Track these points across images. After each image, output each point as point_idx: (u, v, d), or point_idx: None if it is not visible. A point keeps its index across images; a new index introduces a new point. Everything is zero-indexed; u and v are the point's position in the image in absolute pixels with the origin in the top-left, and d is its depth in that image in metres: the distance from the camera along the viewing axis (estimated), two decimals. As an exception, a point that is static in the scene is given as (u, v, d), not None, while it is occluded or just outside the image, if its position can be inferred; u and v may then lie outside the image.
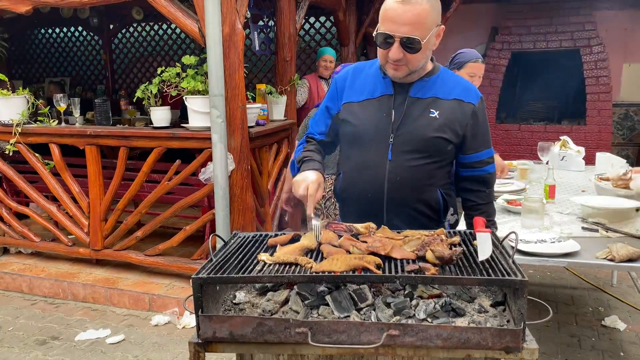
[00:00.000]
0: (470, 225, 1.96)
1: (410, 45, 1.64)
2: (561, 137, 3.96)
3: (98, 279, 4.03)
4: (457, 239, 1.60)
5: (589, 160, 3.86)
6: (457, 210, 2.03)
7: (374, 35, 1.71)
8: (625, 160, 3.68)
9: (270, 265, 1.50)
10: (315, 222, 1.63)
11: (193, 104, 3.50)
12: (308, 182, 1.71)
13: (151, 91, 3.64)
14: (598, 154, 3.70)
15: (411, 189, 1.82)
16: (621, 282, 4.05)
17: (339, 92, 1.89)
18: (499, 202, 2.79)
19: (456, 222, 2.05)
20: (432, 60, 1.82)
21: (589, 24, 6.30)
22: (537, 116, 6.93)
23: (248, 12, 3.45)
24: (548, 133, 6.40)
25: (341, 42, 5.78)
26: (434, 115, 1.78)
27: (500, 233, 1.86)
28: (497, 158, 2.98)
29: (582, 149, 3.86)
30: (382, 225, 1.70)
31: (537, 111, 6.96)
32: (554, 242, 2.21)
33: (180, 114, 4.90)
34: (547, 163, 3.30)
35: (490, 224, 1.95)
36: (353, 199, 1.89)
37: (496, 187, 3.08)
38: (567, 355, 3.05)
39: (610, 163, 3.52)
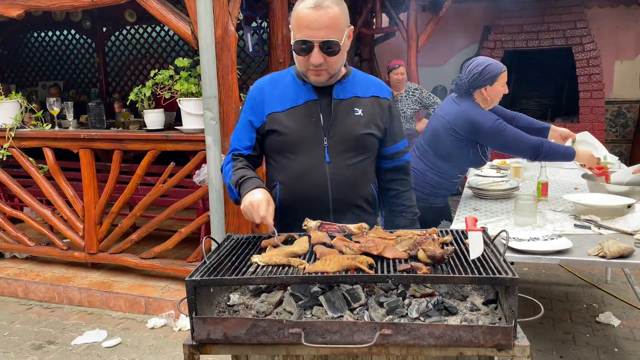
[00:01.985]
0: (392, 216, 2.05)
1: (329, 48, 1.71)
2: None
3: (93, 283, 4.03)
4: (448, 238, 1.61)
5: (582, 157, 3.87)
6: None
7: (292, 44, 1.75)
8: (617, 158, 3.70)
9: (263, 266, 1.50)
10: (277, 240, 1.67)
11: (186, 106, 3.51)
12: (260, 204, 1.69)
13: (145, 94, 3.64)
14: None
15: (352, 187, 1.88)
16: (615, 279, 4.08)
17: (258, 104, 1.89)
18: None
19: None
20: (344, 65, 1.90)
21: (581, 22, 6.34)
22: (530, 114, 6.93)
23: (240, 14, 3.45)
24: (541, 131, 6.42)
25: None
26: (358, 114, 1.86)
27: (493, 232, 1.87)
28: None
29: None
30: (375, 226, 1.71)
31: (530, 109, 7.00)
32: (546, 239, 2.22)
33: (176, 117, 4.90)
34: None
35: (413, 209, 2.04)
36: (296, 208, 1.87)
37: (490, 187, 3.12)
38: (561, 352, 3.07)
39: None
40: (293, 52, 1.76)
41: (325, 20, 1.67)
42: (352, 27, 1.79)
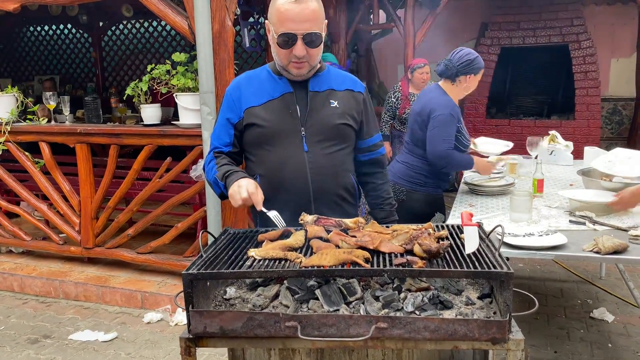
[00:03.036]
0: (370, 208, 2.13)
1: (312, 40, 1.77)
2: (550, 132, 3.99)
3: (90, 277, 4.02)
4: (444, 232, 1.62)
5: (578, 154, 3.90)
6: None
7: (275, 38, 1.77)
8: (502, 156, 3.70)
9: (260, 260, 1.51)
10: (273, 213, 1.72)
11: (183, 101, 3.50)
12: (244, 186, 1.74)
13: (141, 89, 3.64)
14: (586, 149, 3.74)
15: (332, 176, 1.92)
16: (609, 275, 4.10)
17: (235, 101, 1.93)
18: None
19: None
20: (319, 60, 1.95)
21: (578, 20, 6.34)
22: (527, 111, 6.97)
23: (238, 9, 3.45)
24: (537, 128, 6.45)
25: (332, 39, 5.78)
26: (334, 105, 1.92)
27: (488, 227, 1.88)
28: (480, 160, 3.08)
29: (570, 144, 3.89)
30: (371, 220, 1.72)
31: (526, 106, 7.01)
32: (541, 235, 2.24)
33: (173, 112, 4.89)
34: (536, 157, 3.32)
35: (390, 200, 2.13)
36: (277, 198, 1.88)
37: (486, 183, 3.14)
38: (556, 347, 3.09)
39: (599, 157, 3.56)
40: (274, 46, 1.80)
41: (307, 14, 1.73)
42: (326, 21, 1.87)
